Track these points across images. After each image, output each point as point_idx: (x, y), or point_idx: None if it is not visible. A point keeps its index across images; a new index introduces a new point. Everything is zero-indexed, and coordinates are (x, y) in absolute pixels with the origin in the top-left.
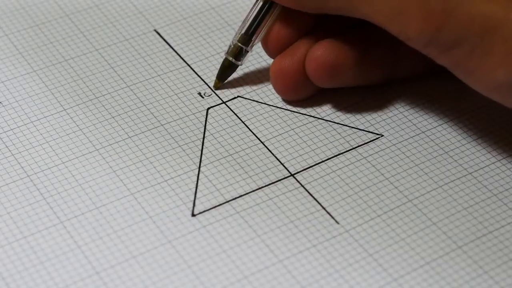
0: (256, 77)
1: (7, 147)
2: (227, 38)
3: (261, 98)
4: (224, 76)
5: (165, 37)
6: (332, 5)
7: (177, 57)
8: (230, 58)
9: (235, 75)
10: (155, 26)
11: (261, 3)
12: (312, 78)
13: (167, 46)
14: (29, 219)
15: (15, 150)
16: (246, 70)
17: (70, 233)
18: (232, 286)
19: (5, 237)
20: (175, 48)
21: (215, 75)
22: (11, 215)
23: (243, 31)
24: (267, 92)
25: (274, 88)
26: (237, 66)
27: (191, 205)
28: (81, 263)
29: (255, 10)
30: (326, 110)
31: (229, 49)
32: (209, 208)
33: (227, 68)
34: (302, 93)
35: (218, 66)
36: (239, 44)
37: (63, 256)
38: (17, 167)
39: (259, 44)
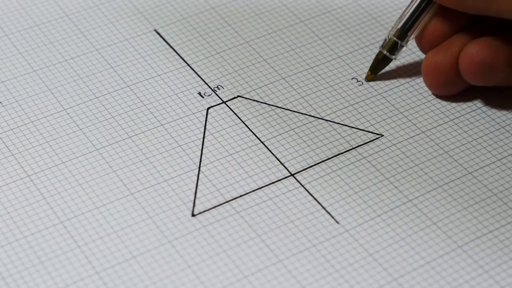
0: (256, 77)
1: (7, 147)
2: (227, 38)
3: (261, 98)
4: (377, 69)
5: (165, 37)
6: (494, 8)
7: (177, 57)
8: (385, 52)
9: (235, 75)
10: (155, 26)
11: (419, 0)
12: (465, 75)
13: (167, 46)
14: (29, 219)
15: (15, 150)
16: (247, 70)
17: (70, 233)
18: (232, 286)
19: (5, 237)
20: (175, 48)
21: (368, 67)
22: (11, 215)
23: (399, 26)
24: (267, 92)
25: (425, 82)
26: (390, 60)
27: (191, 205)
28: (81, 263)
29: (412, 6)
30: (326, 110)
31: (384, 42)
32: (209, 208)
33: (380, 61)
34: (452, 89)
35: (218, 66)
36: (395, 38)
37: (63, 256)
38: (17, 167)
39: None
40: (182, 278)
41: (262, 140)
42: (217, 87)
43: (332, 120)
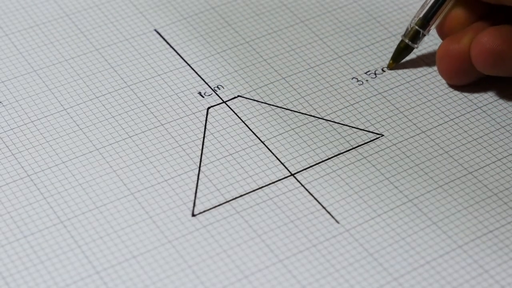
0: (256, 77)
1: (7, 146)
2: (227, 38)
3: (261, 98)
4: (400, 57)
5: (165, 37)
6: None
7: (177, 56)
8: (407, 40)
9: (235, 74)
10: (155, 26)
11: None
12: (476, 64)
13: (167, 46)
14: (29, 219)
15: (15, 150)
16: (247, 70)
17: (70, 233)
18: (232, 286)
19: (5, 237)
20: (175, 48)
21: (390, 57)
22: (11, 215)
23: (421, 15)
24: (267, 92)
25: (438, 70)
26: (413, 49)
27: (191, 205)
28: (81, 263)
29: None
30: (326, 110)
31: (406, 31)
32: (209, 208)
33: (403, 50)
34: (465, 78)
35: (219, 66)
36: (417, 27)
37: (63, 255)
38: (17, 167)
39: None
40: (182, 278)
41: (262, 140)
42: (217, 87)
43: (332, 120)
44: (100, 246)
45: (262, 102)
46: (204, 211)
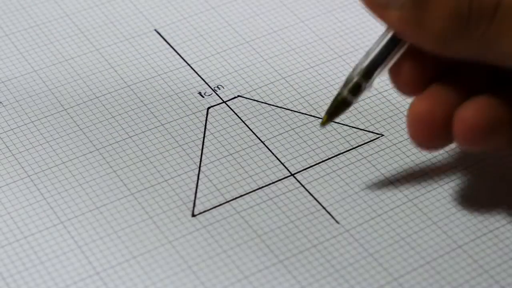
0: (256, 77)
1: (7, 147)
2: (227, 38)
3: (261, 98)
4: (337, 113)
5: (165, 37)
6: (493, 56)
7: (177, 56)
8: (345, 94)
9: (235, 74)
10: (155, 26)
11: (388, 37)
12: (459, 142)
13: (167, 46)
14: (29, 219)
15: (15, 150)
16: (247, 70)
17: (70, 233)
18: (232, 286)
19: (5, 237)
20: (175, 48)
21: (325, 111)
22: (11, 215)
23: (363, 66)
24: (267, 91)
25: (409, 133)
26: (351, 103)
27: (191, 205)
28: (81, 263)
29: (379, 44)
30: (326, 110)
31: (346, 83)
32: (209, 208)
33: (341, 104)
34: (439, 145)
35: (219, 66)
36: (359, 79)
37: (63, 256)
38: (17, 167)
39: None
40: (182, 278)
41: (262, 140)
42: (217, 87)
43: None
44: (100, 246)
45: (262, 102)
46: (204, 211)
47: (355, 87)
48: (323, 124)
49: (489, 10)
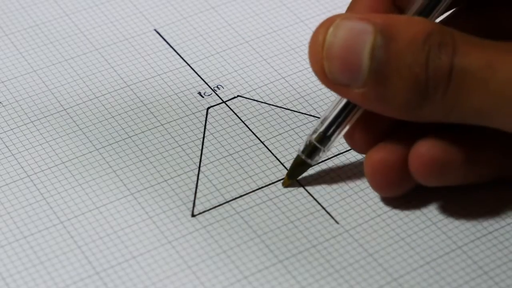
0: (256, 77)
1: (7, 147)
2: (227, 38)
3: (261, 98)
4: (295, 174)
5: (165, 37)
6: (456, 116)
7: (177, 56)
8: (303, 157)
9: (235, 74)
10: (155, 26)
11: (343, 103)
12: (416, 176)
13: (167, 46)
14: (29, 219)
15: (15, 150)
16: (247, 70)
17: (70, 233)
18: (232, 286)
19: (5, 237)
20: (175, 48)
21: (285, 173)
22: (11, 215)
23: (321, 130)
24: (267, 91)
25: (370, 182)
26: (310, 165)
27: (191, 205)
28: (81, 263)
29: (336, 109)
30: (326, 110)
31: (304, 146)
32: (209, 208)
33: (299, 165)
34: (400, 189)
35: (218, 66)
36: (315, 143)
37: (63, 256)
38: (17, 167)
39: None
40: (182, 278)
41: (262, 140)
42: (217, 87)
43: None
44: (100, 246)
45: (262, 102)
46: (204, 212)
47: (311, 151)
48: (285, 185)
49: (444, 74)
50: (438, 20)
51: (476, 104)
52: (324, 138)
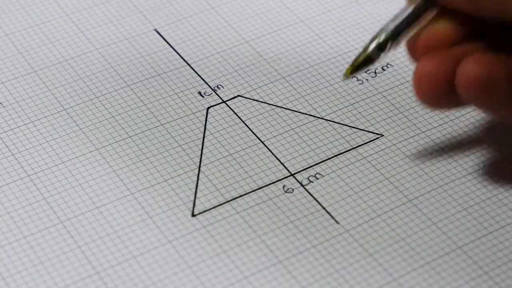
0: (256, 77)
1: (7, 147)
2: (227, 37)
3: (261, 98)
4: (360, 68)
5: (165, 37)
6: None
7: (177, 56)
8: (370, 51)
9: (235, 74)
10: (155, 26)
11: (417, 3)
12: (462, 94)
13: (167, 46)
14: (29, 219)
15: (15, 150)
16: (247, 70)
17: (70, 233)
18: (232, 286)
19: (5, 237)
20: (175, 48)
21: (349, 64)
22: (11, 215)
23: (390, 29)
24: (267, 91)
25: (415, 92)
26: (374, 61)
27: (191, 205)
28: (81, 263)
29: (408, 10)
30: (326, 110)
31: (370, 42)
32: (209, 208)
33: (365, 60)
34: (445, 103)
35: (218, 66)
36: (385, 39)
37: (63, 256)
38: (17, 167)
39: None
40: (182, 278)
41: (262, 140)
42: (217, 86)
43: (332, 120)
44: (100, 246)
45: (262, 102)
46: (204, 211)
47: (380, 47)
48: (347, 75)
49: None
50: None
51: None
52: (392, 37)
